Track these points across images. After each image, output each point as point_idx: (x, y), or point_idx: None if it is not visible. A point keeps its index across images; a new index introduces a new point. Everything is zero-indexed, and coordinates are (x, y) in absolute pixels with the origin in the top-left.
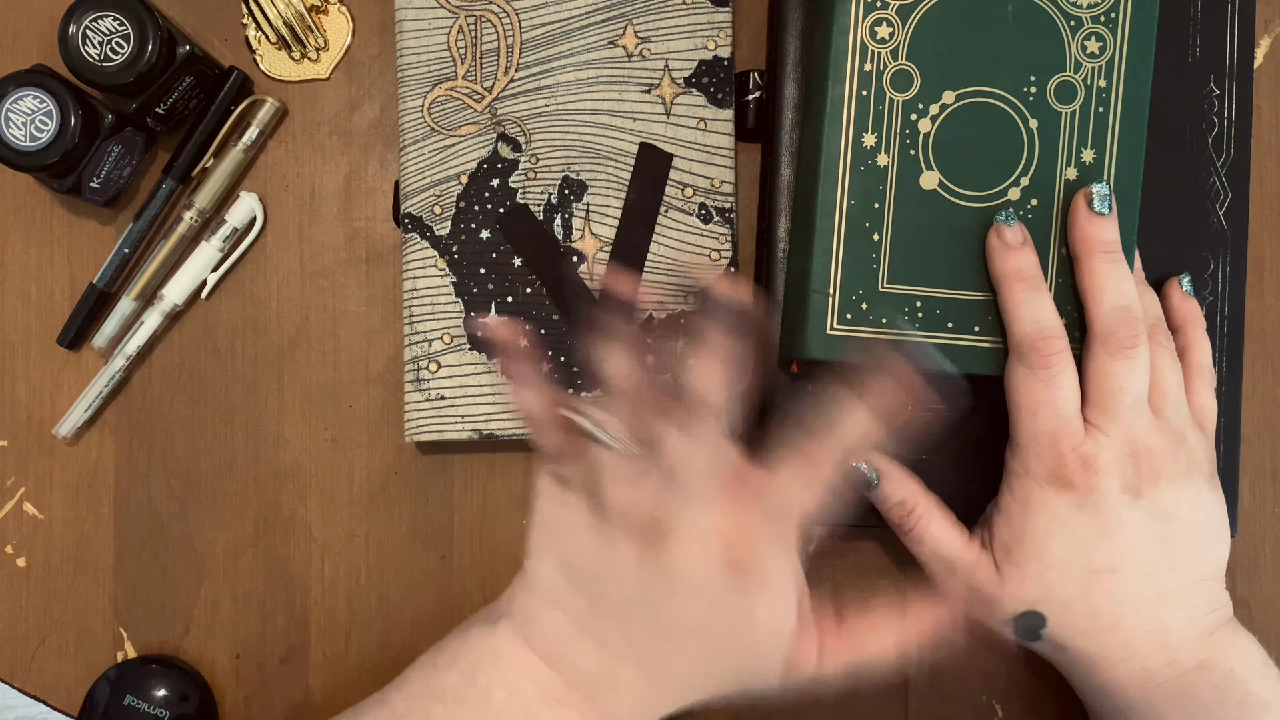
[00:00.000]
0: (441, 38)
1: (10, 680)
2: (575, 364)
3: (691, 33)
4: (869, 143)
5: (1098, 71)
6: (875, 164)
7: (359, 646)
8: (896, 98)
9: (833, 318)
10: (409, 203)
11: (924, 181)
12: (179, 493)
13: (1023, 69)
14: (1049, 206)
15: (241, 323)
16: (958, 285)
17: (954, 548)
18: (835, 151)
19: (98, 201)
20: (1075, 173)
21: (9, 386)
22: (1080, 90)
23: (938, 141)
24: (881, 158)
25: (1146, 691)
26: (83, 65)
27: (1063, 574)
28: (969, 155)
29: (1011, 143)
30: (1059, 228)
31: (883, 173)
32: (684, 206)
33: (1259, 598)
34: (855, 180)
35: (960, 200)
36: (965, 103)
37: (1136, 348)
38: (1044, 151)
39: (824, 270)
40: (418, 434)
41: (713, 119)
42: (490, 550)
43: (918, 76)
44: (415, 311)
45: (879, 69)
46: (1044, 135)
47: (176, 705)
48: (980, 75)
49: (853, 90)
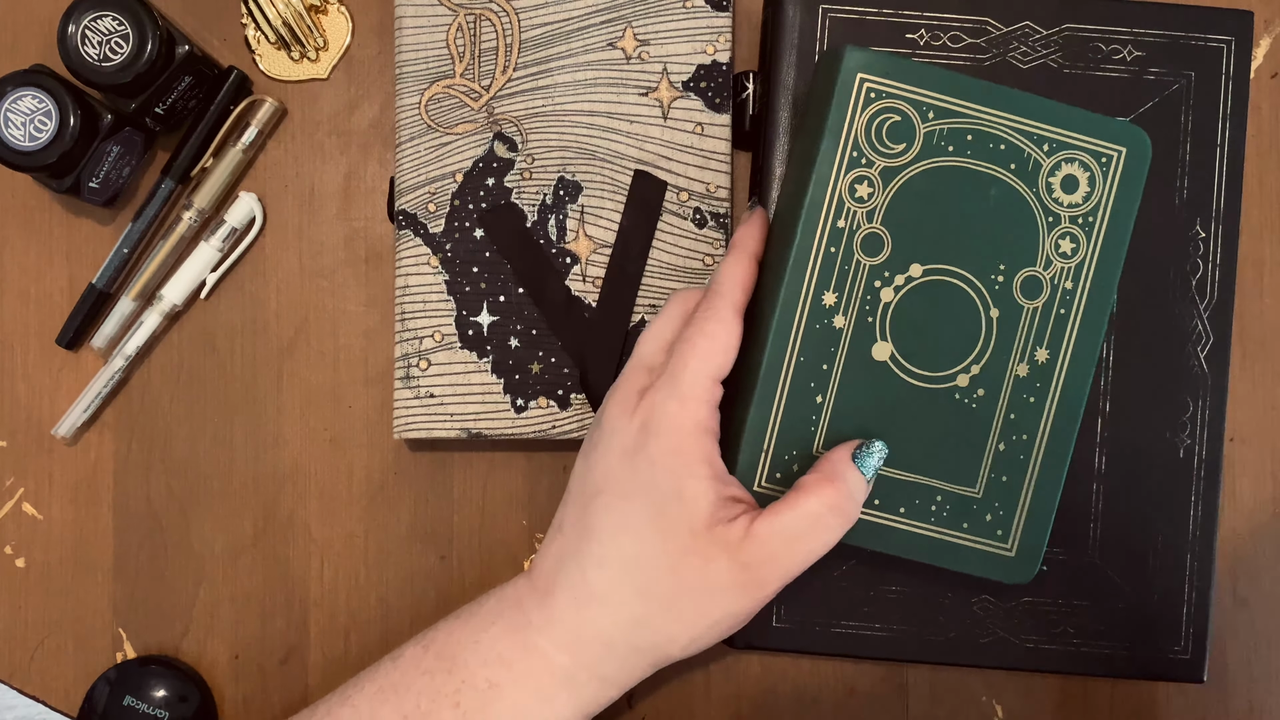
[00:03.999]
0: (440, 35)
1: (9, 681)
2: (565, 365)
3: (690, 37)
4: (828, 301)
5: (1066, 273)
6: (831, 325)
7: (358, 647)
8: (865, 261)
9: (762, 474)
10: (403, 199)
11: (876, 352)
12: (178, 493)
13: (994, 256)
14: (994, 399)
15: (241, 323)
16: (893, 464)
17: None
18: (793, 304)
19: (97, 201)
20: (1026, 370)
21: (8, 386)
22: (1046, 288)
23: (897, 314)
24: (839, 319)
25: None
26: (82, 65)
27: None
28: (926, 333)
29: (970, 328)
30: (1000, 422)
31: (837, 335)
32: (679, 211)
33: (1259, 598)
34: (808, 337)
35: (909, 377)
36: (931, 279)
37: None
38: (1000, 343)
39: (760, 425)
40: (406, 431)
41: (709, 124)
42: (489, 550)
43: (889, 244)
44: (407, 309)
45: (852, 228)
46: (1003, 326)
47: (176, 706)
48: (951, 254)
49: (821, 244)
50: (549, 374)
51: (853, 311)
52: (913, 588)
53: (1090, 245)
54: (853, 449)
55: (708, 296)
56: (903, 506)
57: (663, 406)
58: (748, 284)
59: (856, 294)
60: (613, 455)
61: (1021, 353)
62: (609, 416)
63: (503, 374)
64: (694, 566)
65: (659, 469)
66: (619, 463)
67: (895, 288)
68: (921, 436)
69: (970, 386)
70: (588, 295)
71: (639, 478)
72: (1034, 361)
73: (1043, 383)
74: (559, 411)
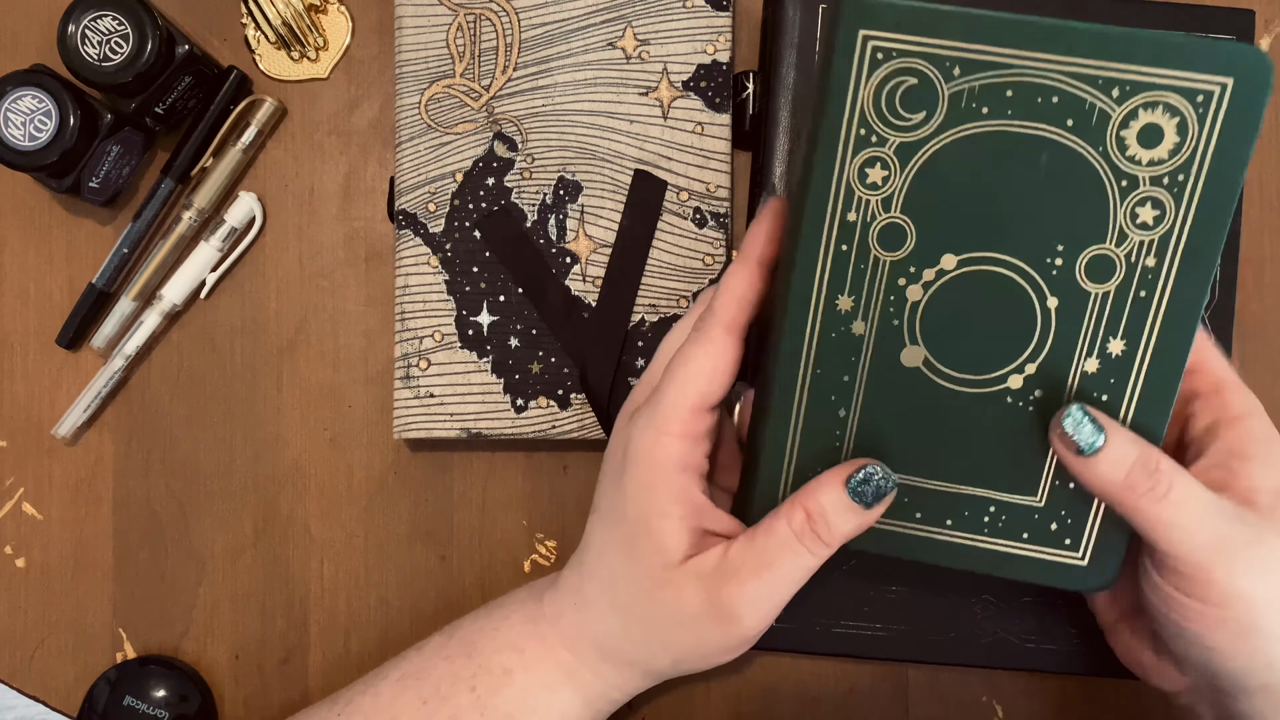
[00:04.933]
0: (440, 35)
1: (9, 681)
2: (565, 365)
3: (691, 36)
4: (844, 307)
5: (1147, 247)
6: (849, 332)
7: (358, 647)
8: (884, 257)
9: (784, 493)
10: (403, 199)
11: (906, 358)
12: (178, 493)
13: (1048, 236)
14: (1055, 400)
15: (240, 323)
16: (933, 475)
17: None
18: (803, 313)
19: (97, 201)
20: (1097, 365)
21: (8, 386)
22: (1120, 267)
23: (929, 313)
24: (858, 325)
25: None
26: (81, 65)
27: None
28: (965, 333)
29: (1021, 323)
30: None
31: (857, 343)
32: (679, 211)
33: None
34: (824, 349)
35: (948, 383)
36: (968, 270)
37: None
38: (1061, 337)
39: (778, 443)
40: (406, 430)
41: (710, 123)
42: (489, 550)
43: (913, 234)
44: (407, 308)
45: (865, 220)
46: (1064, 317)
47: (176, 706)
48: (992, 239)
49: (830, 242)
50: (549, 374)
51: (874, 315)
52: (913, 588)
53: (1180, 211)
54: (847, 472)
55: (701, 314)
56: (950, 519)
57: (639, 437)
58: (747, 297)
59: (877, 295)
60: (605, 474)
61: (1090, 346)
62: (613, 431)
63: (502, 374)
64: (666, 598)
65: (630, 501)
66: (608, 484)
67: (924, 284)
68: (967, 445)
69: (1024, 389)
70: (588, 295)
71: (616, 504)
72: (1107, 355)
73: (1118, 378)
74: (559, 411)
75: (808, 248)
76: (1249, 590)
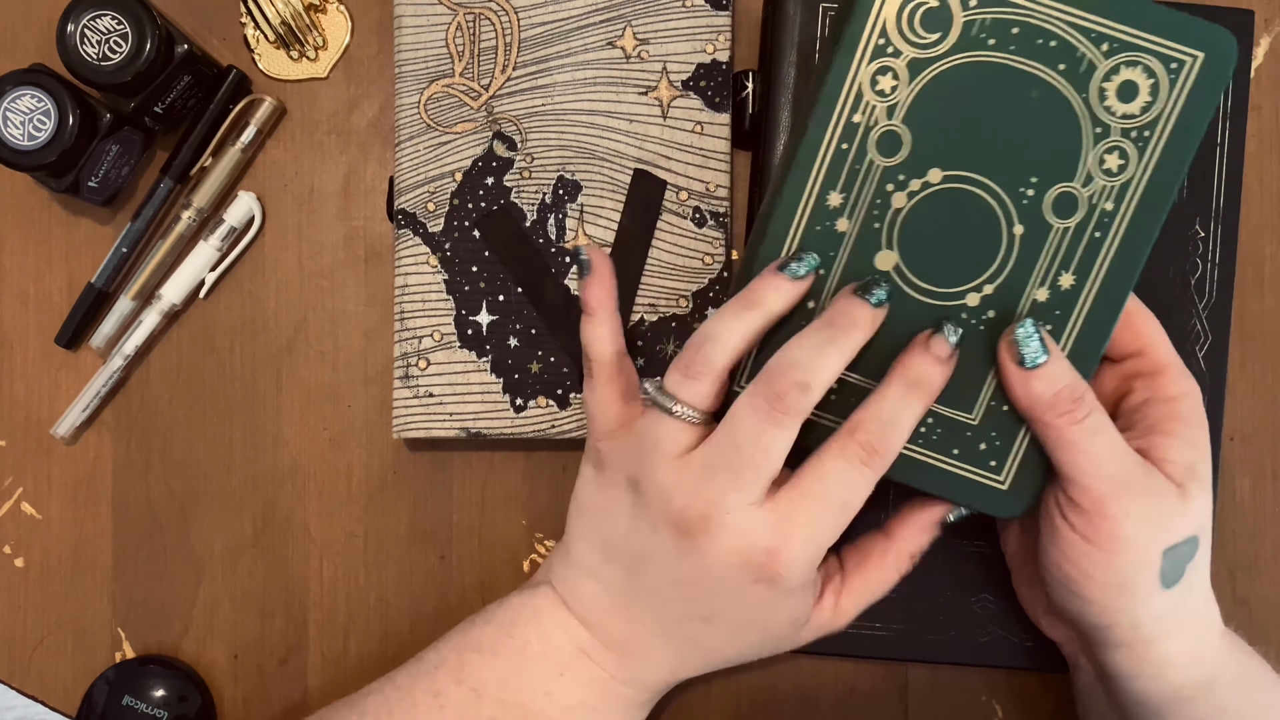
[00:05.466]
0: (440, 34)
1: (9, 680)
2: (564, 364)
3: (690, 36)
4: (833, 202)
5: (1108, 192)
6: (833, 227)
7: (358, 646)
8: (879, 161)
9: (744, 372)
10: (403, 199)
11: (880, 261)
12: (177, 493)
13: (1026, 167)
14: (1004, 323)
15: (240, 322)
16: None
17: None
18: (794, 202)
19: (96, 201)
20: (1047, 295)
21: (7, 386)
22: (1082, 207)
23: (908, 222)
24: (842, 223)
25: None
26: (81, 64)
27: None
28: (937, 246)
29: (987, 244)
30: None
31: (838, 239)
32: (679, 210)
33: (1259, 598)
34: (806, 240)
35: (913, 291)
36: (950, 187)
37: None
38: (1020, 263)
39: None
40: (405, 430)
41: (709, 123)
42: (489, 550)
43: (909, 144)
44: (406, 308)
45: (869, 124)
46: (1025, 245)
47: (175, 706)
48: (977, 161)
49: (833, 140)
50: (548, 373)
51: (859, 215)
52: (913, 587)
53: (1141, 164)
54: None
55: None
56: None
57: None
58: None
59: (865, 197)
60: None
61: (1043, 276)
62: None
63: (502, 373)
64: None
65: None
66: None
67: (909, 193)
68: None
69: (980, 307)
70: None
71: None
72: (1056, 287)
73: (1063, 310)
74: (558, 411)
75: (811, 140)
76: (1133, 538)
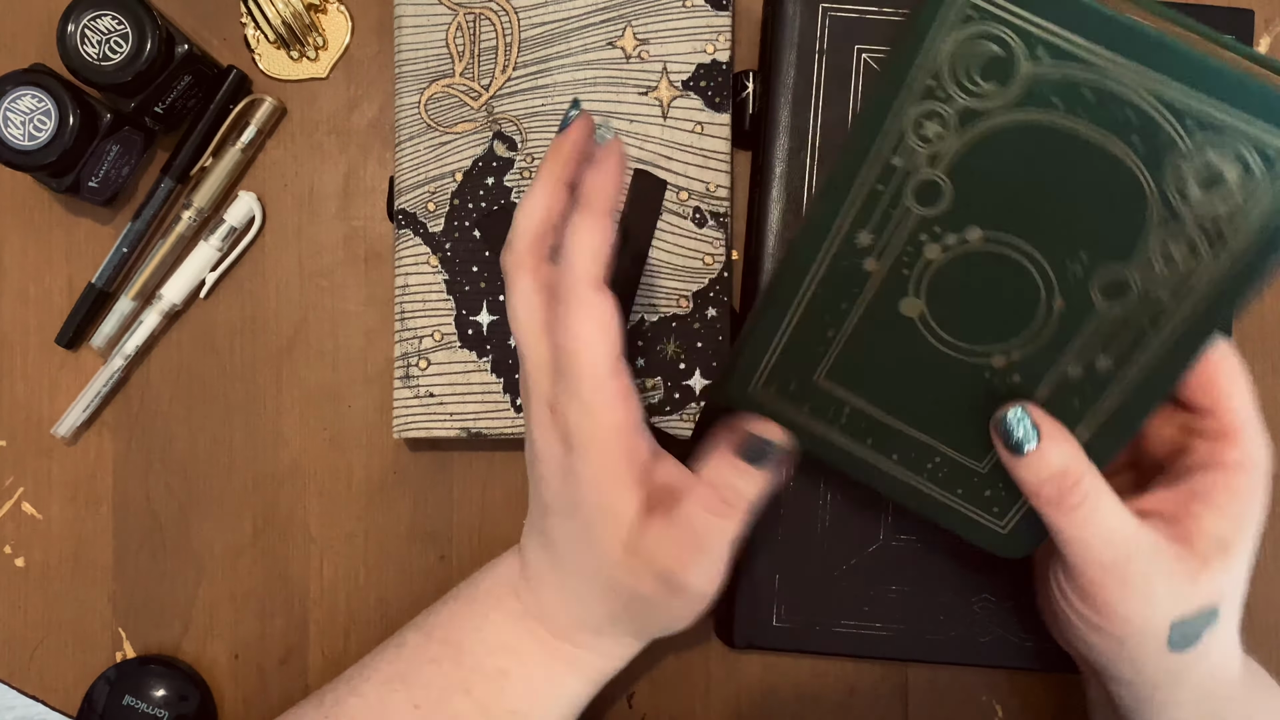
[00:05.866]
0: (440, 34)
1: (9, 680)
2: None
3: (690, 36)
4: (862, 242)
5: (1167, 284)
6: (859, 266)
7: (358, 646)
8: (914, 210)
9: (760, 380)
10: (403, 199)
11: (905, 307)
12: (178, 492)
13: (1077, 241)
14: (1029, 389)
15: (240, 322)
16: (893, 412)
17: (1131, 530)
18: (820, 235)
19: (96, 201)
20: (1080, 373)
21: (7, 386)
22: (1135, 293)
23: (939, 276)
24: (870, 263)
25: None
26: (81, 64)
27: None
28: (968, 303)
29: (1023, 312)
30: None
31: (863, 278)
32: (679, 210)
33: (1259, 598)
34: (832, 273)
35: (936, 341)
36: (990, 248)
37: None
38: (1055, 338)
39: (764, 342)
40: (406, 430)
41: (709, 123)
42: (489, 549)
43: (949, 197)
44: (406, 308)
45: (908, 169)
46: (1064, 321)
47: (175, 705)
48: (1023, 227)
49: (868, 178)
50: None
51: (888, 260)
52: (913, 587)
53: (1211, 260)
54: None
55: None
56: (897, 454)
57: (577, 422)
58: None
59: (897, 243)
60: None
61: (1079, 354)
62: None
63: (502, 373)
64: (629, 584)
65: (586, 486)
66: (558, 481)
67: (944, 246)
68: (934, 399)
69: (1005, 370)
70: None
71: (573, 496)
72: (1091, 367)
73: (1094, 392)
74: None
75: (845, 176)
76: (1132, 616)
